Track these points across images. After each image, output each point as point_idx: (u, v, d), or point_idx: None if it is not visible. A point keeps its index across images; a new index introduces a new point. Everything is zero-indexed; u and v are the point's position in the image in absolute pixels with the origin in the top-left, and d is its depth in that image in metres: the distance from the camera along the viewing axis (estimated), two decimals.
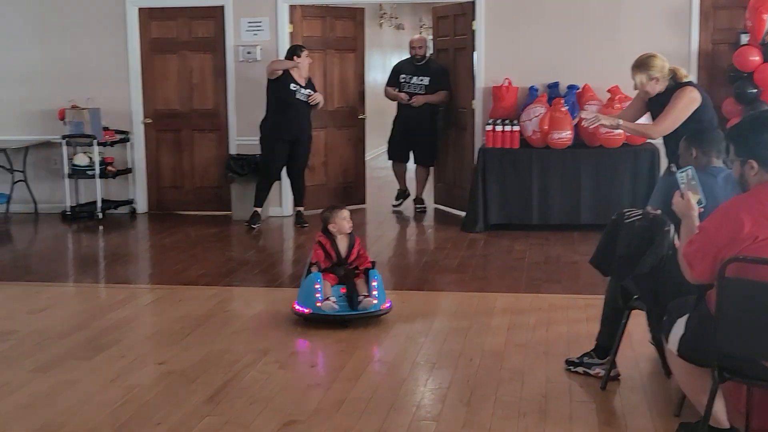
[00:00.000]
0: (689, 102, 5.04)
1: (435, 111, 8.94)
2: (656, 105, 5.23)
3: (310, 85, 8.25)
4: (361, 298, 5.10)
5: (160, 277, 6.56)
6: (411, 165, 9.24)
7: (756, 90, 7.88)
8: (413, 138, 8.94)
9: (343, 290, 5.16)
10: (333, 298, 5.07)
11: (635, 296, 3.94)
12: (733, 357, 3.06)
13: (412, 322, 5.18)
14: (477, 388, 4.15)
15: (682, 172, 3.50)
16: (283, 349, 4.76)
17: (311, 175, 9.11)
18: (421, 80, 8.83)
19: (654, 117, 5.33)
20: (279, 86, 8.07)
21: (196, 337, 4.96)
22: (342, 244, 5.33)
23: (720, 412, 3.30)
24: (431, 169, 9.18)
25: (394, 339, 4.87)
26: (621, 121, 5.31)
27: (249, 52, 8.84)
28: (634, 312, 4.07)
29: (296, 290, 5.38)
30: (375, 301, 5.10)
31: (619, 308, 4.14)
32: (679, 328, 3.26)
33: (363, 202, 9.42)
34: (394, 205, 9.26)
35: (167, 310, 5.56)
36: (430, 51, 9.39)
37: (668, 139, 5.15)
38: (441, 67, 8.93)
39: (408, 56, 9.18)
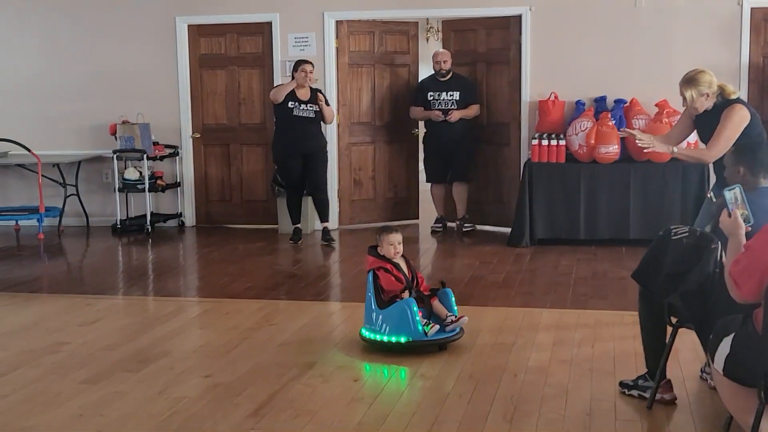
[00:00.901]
0: (740, 120, 4.97)
1: (469, 126, 8.66)
2: (704, 122, 5.16)
3: (315, 98, 8.10)
4: (449, 319, 4.92)
5: (207, 290, 6.64)
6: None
7: None
8: (450, 156, 8.64)
9: (420, 313, 4.89)
10: (431, 322, 4.87)
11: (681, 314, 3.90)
12: None
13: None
14: (520, 405, 4.14)
15: (730, 190, 3.46)
16: (328, 362, 4.79)
17: (357, 190, 9.18)
18: (452, 95, 8.56)
19: (702, 134, 5.27)
20: (279, 105, 8.08)
21: (242, 350, 5.01)
22: (403, 266, 5.09)
23: None
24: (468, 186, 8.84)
25: (439, 354, 4.87)
26: (675, 149, 5.22)
27: None
28: (681, 330, 4.03)
29: (347, 306, 5.40)
30: (466, 318, 4.97)
31: (656, 328, 4.10)
32: (725, 347, 3.23)
33: (416, 217, 9.40)
34: (434, 230, 8.86)
35: (214, 323, 5.63)
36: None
37: (717, 160, 5.08)
38: (468, 81, 8.71)
39: (431, 72, 8.87)
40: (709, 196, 5.00)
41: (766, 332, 2.99)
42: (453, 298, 5.04)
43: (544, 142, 8.01)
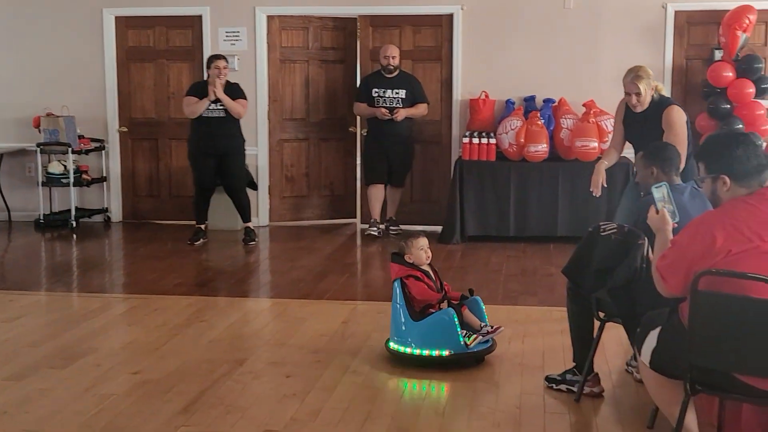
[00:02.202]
0: (682, 119, 5.15)
1: (412, 126, 8.44)
2: (638, 121, 5.29)
3: (233, 93, 7.86)
4: (485, 329, 4.64)
5: (135, 287, 6.53)
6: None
7: (729, 105, 7.99)
8: (391, 157, 8.33)
9: None
10: (468, 333, 4.60)
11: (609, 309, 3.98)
12: (705, 369, 3.10)
13: (387, 331, 5.18)
14: (452, 399, 4.17)
15: (658, 187, 3.55)
16: (259, 359, 4.75)
17: (290, 187, 9.12)
18: (397, 93, 8.25)
19: (631, 133, 5.40)
20: None
21: (171, 347, 4.94)
22: (430, 273, 4.82)
23: (691, 424, 3.34)
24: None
25: (371, 350, 4.88)
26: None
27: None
28: (607, 325, 4.12)
29: (279, 303, 5.34)
30: (503, 328, 4.71)
31: (583, 323, 4.19)
32: (651, 340, 3.30)
33: (353, 216, 9.21)
34: (370, 234, 8.37)
35: (142, 320, 5.54)
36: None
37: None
38: (415, 79, 8.43)
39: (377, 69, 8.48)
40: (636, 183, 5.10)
41: (691, 325, 3.06)
42: (483, 307, 4.78)
43: (475, 141, 8.09)
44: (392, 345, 4.68)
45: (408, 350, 4.60)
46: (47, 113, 8.73)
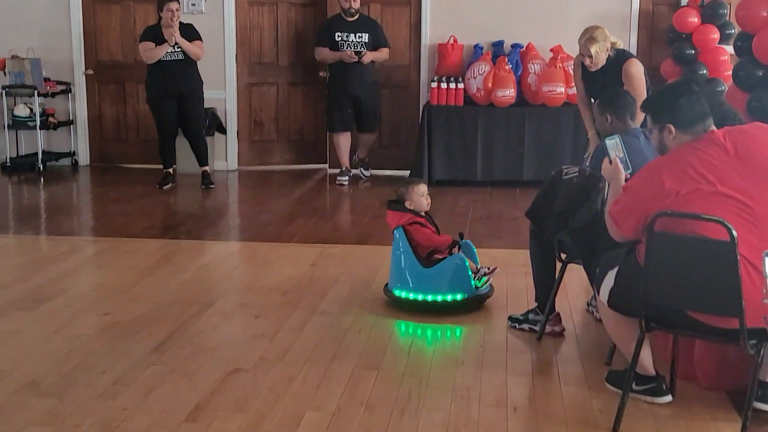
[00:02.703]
0: (640, 72, 5.25)
1: (377, 70, 8.36)
2: (596, 77, 5.36)
3: (188, 34, 7.79)
4: (483, 270, 4.69)
5: (105, 230, 6.54)
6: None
7: (694, 51, 8.07)
8: (359, 102, 8.20)
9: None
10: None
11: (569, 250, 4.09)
12: (660, 307, 3.21)
13: (357, 274, 5.29)
14: (417, 339, 4.28)
15: (611, 139, 3.67)
16: (228, 301, 4.82)
17: (258, 131, 9.11)
18: (360, 37, 8.09)
19: (592, 89, 5.48)
20: None
21: (141, 289, 5.00)
22: (429, 219, 4.85)
23: (646, 360, 3.48)
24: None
25: (339, 291, 4.96)
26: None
27: (194, 4, 8.76)
28: (570, 267, 4.23)
29: (247, 246, 5.38)
30: (497, 267, 4.75)
31: (546, 264, 4.30)
32: (609, 280, 3.41)
33: (323, 161, 9.02)
34: (340, 183, 8.29)
35: (112, 262, 5.58)
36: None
37: None
38: (377, 23, 8.33)
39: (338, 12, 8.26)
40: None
41: (647, 265, 3.17)
42: (475, 249, 4.80)
43: (443, 85, 8.12)
44: (398, 293, 4.63)
45: (426, 297, 4.57)
46: (12, 55, 8.61)
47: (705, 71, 7.95)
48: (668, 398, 3.51)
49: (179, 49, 7.76)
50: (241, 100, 9.01)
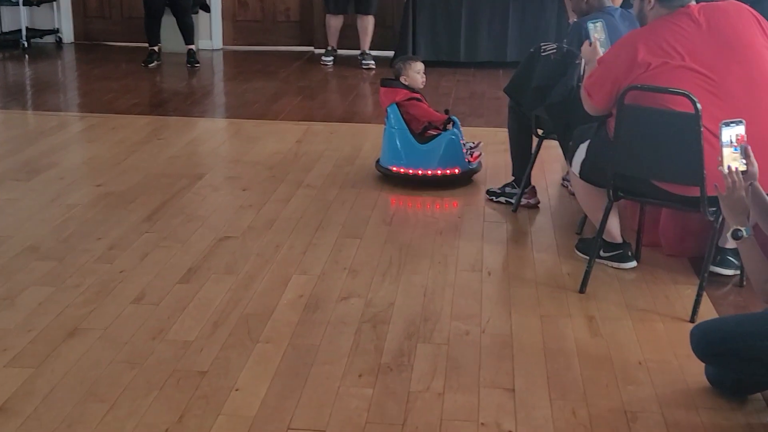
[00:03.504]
0: None
1: None
2: None
3: None
4: (469, 145, 4.83)
5: (92, 106, 6.62)
6: None
7: None
8: None
9: None
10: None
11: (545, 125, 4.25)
12: (627, 178, 3.40)
13: (342, 150, 5.44)
14: (398, 211, 4.47)
15: (593, 22, 3.75)
16: (217, 174, 4.98)
17: (243, 11, 9.06)
18: None
19: None
20: None
21: (131, 162, 5.14)
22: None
23: (614, 227, 3.68)
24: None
25: (324, 166, 5.11)
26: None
27: None
28: (547, 143, 4.40)
29: (234, 122, 5.49)
30: (480, 142, 4.91)
31: (523, 139, 4.46)
32: (581, 152, 3.58)
33: (310, 44, 9.02)
34: (324, 63, 8.27)
35: (102, 137, 5.70)
36: None
37: None
38: None
39: None
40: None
41: (616, 138, 3.33)
42: (459, 125, 4.86)
43: None
44: (393, 168, 4.75)
45: (426, 171, 4.71)
46: None
47: None
48: (633, 264, 3.73)
49: None
50: None
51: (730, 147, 2.51)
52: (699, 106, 3.10)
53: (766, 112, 3.23)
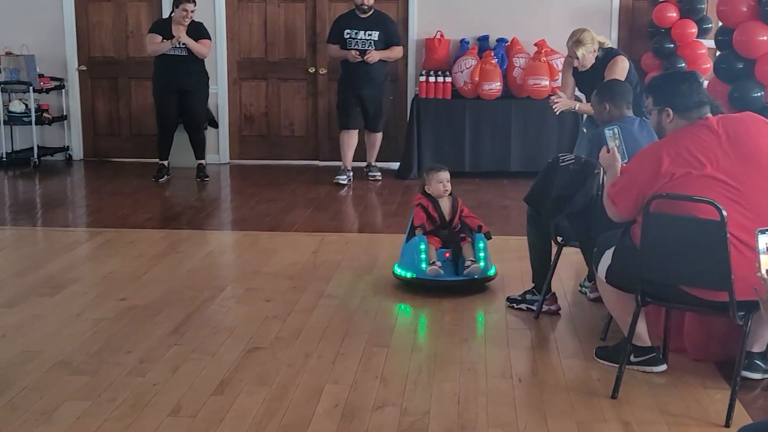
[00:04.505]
0: (624, 69, 5.49)
1: (387, 70, 8.20)
2: (587, 76, 5.60)
3: (197, 32, 7.97)
4: (468, 263, 4.87)
5: (107, 221, 6.69)
6: None
7: (673, 45, 8.37)
8: (365, 102, 8.06)
9: (447, 254, 4.94)
10: (438, 263, 4.85)
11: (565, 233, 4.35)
12: (655, 283, 3.47)
13: (358, 260, 5.52)
14: (421, 319, 4.53)
15: (610, 129, 3.89)
16: (239, 286, 5.04)
17: (248, 126, 9.28)
18: (370, 35, 7.93)
19: (583, 87, 5.74)
20: None
21: (152, 276, 5.20)
22: (445, 205, 5.06)
23: (643, 332, 3.74)
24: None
25: (342, 277, 5.18)
26: (577, 105, 5.61)
27: None
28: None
29: (249, 235, 5.60)
30: (481, 267, 4.87)
31: (543, 247, 4.56)
32: (607, 258, 3.67)
33: (315, 158, 9.20)
34: (338, 182, 8.12)
35: (120, 252, 5.76)
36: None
37: None
38: (390, 19, 8.19)
39: (349, 9, 8.20)
40: (584, 130, 5.47)
41: (643, 245, 3.42)
42: (481, 244, 4.91)
43: (431, 79, 8.36)
44: (395, 266, 5.02)
45: (394, 269, 5.00)
46: (7, 52, 8.76)
47: (684, 64, 8.24)
48: (664, 367, 3.78)
49: (184, 45, 7.93)
50: (232, 94, 9.20)
51: (767, 254, 2.59)
52: (725, 213, 3.21)
53: None
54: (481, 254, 4.92)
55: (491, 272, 4.96)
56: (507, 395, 3.58)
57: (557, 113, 5.77)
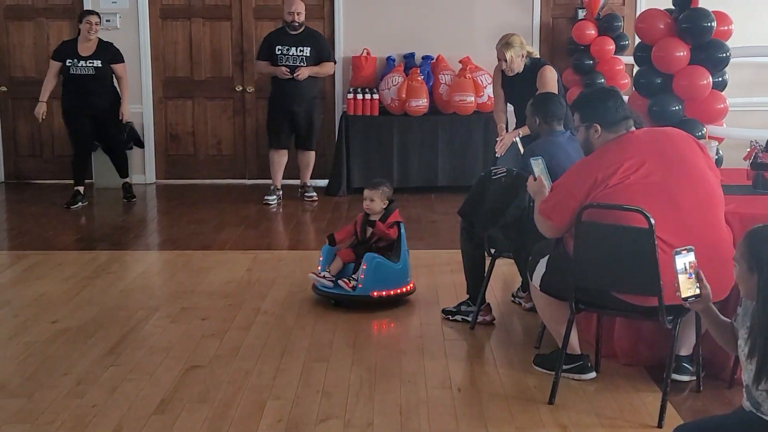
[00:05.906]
0: (553, 80, 5.63)
1: (317, 87, 8.21)
2: (515, 84, 5.74)
3: (103, 53, 7.80)
4: (348, 280, 4.94)
5: (34, 243, 6.56)
6: None
7: (592, 61, 8.61)
8: (296, 120, 7.97)
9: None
10: (329, 275, 4.97)
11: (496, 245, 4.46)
12: (587, 290, 3.59)
13: (292, 277, 5.53)
14: (359, 334, 4.56)
15: (536, 159, 3.94)
16: (173, 305, 5.00)
17: (175, 145, 9.20)
18: (302, 51, 7.84)
19: (510, 95, 5.87)
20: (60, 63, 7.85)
21: (84, 297, 5.13)
22: (368, 222, 5.13)
23: (574, 340, 3.85)
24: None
25: (277, 294, 5.19)
26: (519, 133, 5.51)
27: (108, 20, 8.81)
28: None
29: (181, 254, 5.57)
30: (350, 286, 4.88)
31: (476, 259, 4.66)
32: (541, 267, 3.77)
33: (243, 177, 9.18)
34: (267, 203, 8.04)
35: (49, 274, 5.66)
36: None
37: (521, 109, 5.65)
38: (321, 35, 8.21)
39: (281, 25, 8.10)
40: (515, 139, 5.57)
41: (576, 253, 3.54)
42: (367, 263, 4.84)
43: (359, 96, 8.43)
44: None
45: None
46: None
47: (603, 80, 8.49)
48: (593, 374, 3.89)
49: (91, 64, 7.75)
50: (157, 114, 9.12)
51: (684, 274, 2.69)
52: (653, 221, 3.34)
53: (712, 225, 3.50)
54: (362, 276, 4.86)
55: (364, 293, 4.85)
56: (447, 405, 3.64)
57: (502, 155, 5.73)
